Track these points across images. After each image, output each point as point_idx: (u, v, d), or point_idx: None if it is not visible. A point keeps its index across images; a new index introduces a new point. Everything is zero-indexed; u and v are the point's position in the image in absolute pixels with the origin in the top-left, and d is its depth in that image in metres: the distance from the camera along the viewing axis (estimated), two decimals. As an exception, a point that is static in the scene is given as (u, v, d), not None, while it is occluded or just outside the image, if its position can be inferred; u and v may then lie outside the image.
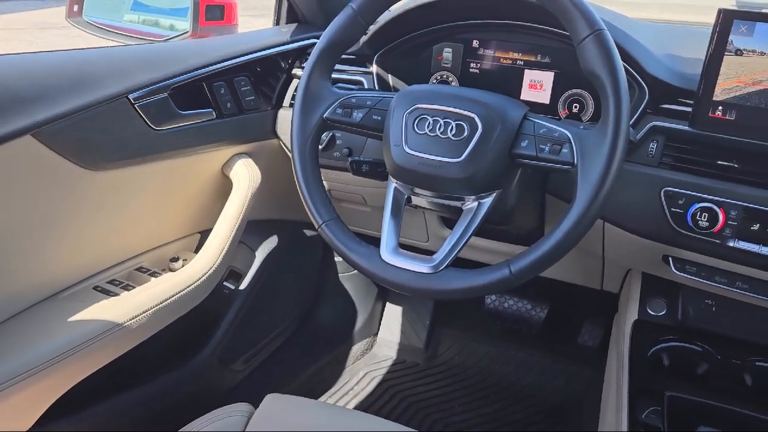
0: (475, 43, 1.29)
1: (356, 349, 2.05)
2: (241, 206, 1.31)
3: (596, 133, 0.85)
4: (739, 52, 0.95)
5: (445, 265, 0.91)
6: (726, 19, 0.94)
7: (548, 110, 1.25)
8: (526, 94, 1.27)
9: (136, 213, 1.23)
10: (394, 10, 1.25)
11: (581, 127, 0.90)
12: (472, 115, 0.91)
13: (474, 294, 0.89)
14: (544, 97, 1.26)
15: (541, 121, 0.91)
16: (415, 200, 1.03)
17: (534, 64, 1.25)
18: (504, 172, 0.94)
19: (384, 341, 2.12)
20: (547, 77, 1.25)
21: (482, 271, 0.89)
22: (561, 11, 0.86)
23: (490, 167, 0.91)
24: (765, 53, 0.93)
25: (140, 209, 1.24)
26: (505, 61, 1.28)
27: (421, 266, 0.91)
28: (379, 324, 2.15)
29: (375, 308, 2.12)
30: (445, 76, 1.34)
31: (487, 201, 0.94)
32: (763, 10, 0.95)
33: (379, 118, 1.00)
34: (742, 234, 1.00)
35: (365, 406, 1.85)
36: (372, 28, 1.28)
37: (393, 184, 1.00)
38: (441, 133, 0.92)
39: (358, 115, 1.01)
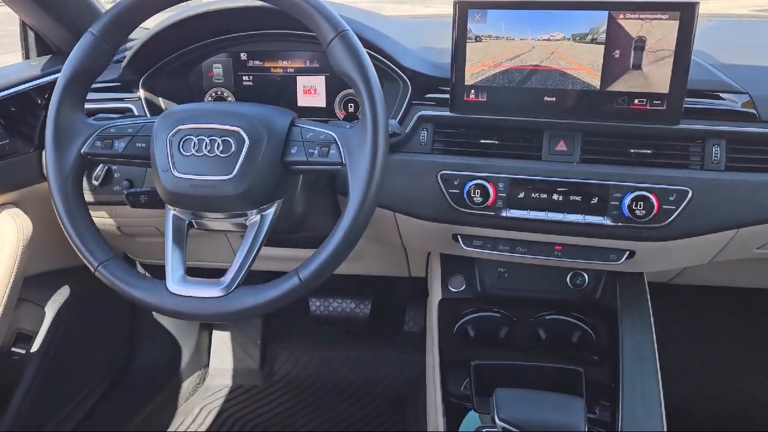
0: (243, 56, 1.27)
1: (187, 385, 1.94)
2: (12, 262, 1.17)
3: (359, 131, 0.87)
4: (478, 39, 1.03)
5: (236, 284, 0.88)
6: (462, 9, 1.02)
7: (327, 113, 1.27)
8: (303, 100, 1.28)
9: None
10: (151, 29, 1.19)
11: (348, 126, 0.92)
12: (237, 129, 0.90)
13: (270, 308, 0.88)
14: (320, 101, 1.27)
15: (307, 126, 0.92)
16: (200, 223, 0.99)
17: (305, 70, 1.26)
18: (281, 181, 0.93)
19: (216, 371, 2.04)
20: (319, 81, 1.26)
21: (273, 284, 0.87)
22: (305, 17, 0.87)
23: (265, 178, 0.90)
24: (499, 37, 1.02)
25: None
26: (276, 71, 1.27)
27: (211, 291, 0.88)
28: (209, 354, 2.06)
29: (201, 338, 2.03)
30: (219, 93, 1.30)
31: (270, 212, 0.93)
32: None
33: (144, 145, 0.95)
34: (512, 203, 1.08)
35: None
36: (129, 52, 1.21)
37: (171, 211, 0.95)
38: (208, 152, 0.90)
39: (120, 146, 0.95)
